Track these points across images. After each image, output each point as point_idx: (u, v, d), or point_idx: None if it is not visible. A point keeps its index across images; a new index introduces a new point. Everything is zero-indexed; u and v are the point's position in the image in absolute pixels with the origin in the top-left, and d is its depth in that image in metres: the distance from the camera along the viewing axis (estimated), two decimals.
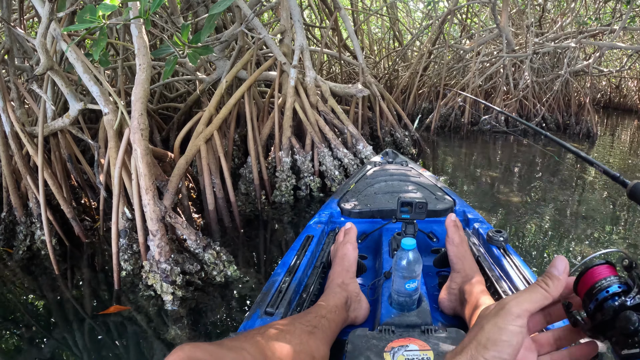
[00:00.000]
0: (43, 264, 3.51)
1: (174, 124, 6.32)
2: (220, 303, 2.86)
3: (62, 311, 2.90)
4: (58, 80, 3.41)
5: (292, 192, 4.75)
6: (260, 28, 4.39)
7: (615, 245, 3.87)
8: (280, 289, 1.56)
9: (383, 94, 6.76)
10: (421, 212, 1.75)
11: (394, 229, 2.09)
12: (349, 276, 1.64)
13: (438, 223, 2.22)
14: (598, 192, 5.58)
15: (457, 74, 11.83)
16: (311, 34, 9.91)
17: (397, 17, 12.53)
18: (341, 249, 1.74)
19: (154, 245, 2.73)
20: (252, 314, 1.46)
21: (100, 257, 3.62)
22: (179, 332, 2.55)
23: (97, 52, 2.47)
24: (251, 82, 4.40)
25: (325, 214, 2.31)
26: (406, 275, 1.40)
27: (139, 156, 2.72)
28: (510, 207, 4.79)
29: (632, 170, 7.02)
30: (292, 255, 1.82)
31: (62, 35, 3.28)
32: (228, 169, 4.04)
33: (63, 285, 3.21)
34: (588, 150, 8.71)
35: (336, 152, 4.88)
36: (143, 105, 2.79)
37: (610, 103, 18.76)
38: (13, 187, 3.72)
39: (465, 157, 7.81)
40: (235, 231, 3.98)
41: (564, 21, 9.72)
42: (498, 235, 1.85)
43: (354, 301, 1.53)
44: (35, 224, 3.73)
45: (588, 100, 10.03)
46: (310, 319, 1.30)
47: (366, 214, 2.30)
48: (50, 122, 3.73)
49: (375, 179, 2.78)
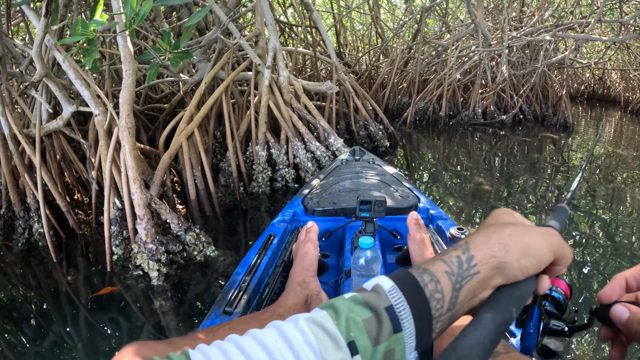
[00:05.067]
0: (41, 254, 3.76)
1: (159, 123, 6.54)
2: (200, 279, 3.19)
3: (60, 294, 3.17)
4: (52, 86, 3.74)
5: (268, 184, 5.05)
6: (235, 32, 4.71)
7: None
8: (239, 288, 1.57)
9: (357, 89, 7.04)
10: (380, 210, 1.70)
11: (357, 227, 2.07)
12: (310, 275, 1.61)
13: (402, 221, 2.19)
14: (591, 180, 5.75)
15: (436, 68, 11.93)
16: (294, 32, 10.07)
17: (378, 13, 12.71)
18: (302, 248, 1.72)
19: (142, 228, 3.11)
20: (211, 313, 1.46)
21: (93, 246, 3.89)
22: (164, 303, 2.89)
23: (89, 61, 2.81)
24: (228, 83, 4.71)
25: (288, 213, 2.30)
26: (364, 273, 1.42)
27: (127, 151, 3.09)
28: (480, 199, 4.91)
29: (602, 157, 7.17)
30: (253, 255, 1.82)
31: (55, 45, 3.61)
32: (208, 162, 4.36)
33: (60, 272, 3.48)
34: (564, 140, 8.92)
35: (309, 146, 5.18)
36: (130, 106, 3.14)
37: (594, 94, 18.85)
38: (12, 185, 3.97)
39: (439, 150, 8.01)
40: (215, 219, 4.31)
41: (542, 15, 9.88)
42: (460, 232, 1.84)
43: (315, 300, 1.51)
44: (33, 218, 3.95)
45: (564, 92, 10.20)
46: (267, 317, 1.28)
47: (330, 212, 2.27)
48: (45, 124, 4.04)
49: (340, 176, 2.75)
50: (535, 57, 10.84)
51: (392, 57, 11.44)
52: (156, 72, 3.61)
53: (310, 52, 8.09)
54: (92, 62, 2.93)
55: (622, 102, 15.33)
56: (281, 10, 10.17)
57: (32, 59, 4.64)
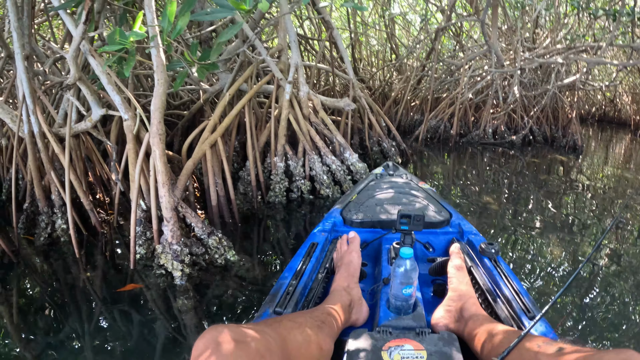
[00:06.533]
0: (62, 250, 3.88)
1: (178, 130, 6.67)
2: (220, 281, 3.31)
3: (83, 289, 3.28)
4: (84, 89, 3.89)
5: (284, 194, 5.19)
6: (260, 48, 4.85)
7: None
8: (287, 291, 1.66)
9: (372, 106, 7.19)
10: (419, 224, 1.82)
11: (393, 238, 2.18)
12: (354, 281, 1.75)
13: (434, 234, 2.31)
14: (587, 203, 5.83)
15: (449, 87, 12.02)
16: (310, 45, 10.21)
17: (393, 30, 12.81)
18: (347, 256, 1.87)
19: (168, 230, 3.26)
20: (261, 313, 1.55)
21: (114, 245, 4.02)
22: (186, 302, 3.01)
23: (127, 69, 2.96)
24: (251, 95, 4.85)
25: (328, 223, 2.40)
26: (403, 281, 1.50)
27: (157, 156, 3.24)
28: (488, 218, 4.96)
29: (610, 180, 7.22)
30: (298, 261, 1.93)
31: (90, 50, 3.77)
32: (229, 171, 4.49)
33: (82, 267, 3.60)
34: (573, 162, 8.93)
35: (325, 159, 5.32)
36: (161, 114, 3.29)
37: (605, 116, 18.66)
38: (38, 181, 4.10)
39: (451, 167, 8.08)
40: (234, 225, 4.43)
41: (555, 37, 9.89)
42: (490, 247, 1.93)
43: (356, 304, 1.64)
44: (57, 214, 4.09)
45: (574, 114, 10.19)
46: (319, 314, 1.40)
47: (367, 224, 2.38)
48: (74, 125, 4.18)
49: (377, 190, 2.88)
50: (547, 78, 10.81)
51: (406, 74, 11.52)
52: (182, 82, 3.78)
53: (328, 68, 8.23)
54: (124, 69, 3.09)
55: (632, 124, 15.27)
56: (298, 22, 10.30)
57: (55, 59, 4.82)
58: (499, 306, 1.64)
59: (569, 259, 3.93)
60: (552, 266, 3.75)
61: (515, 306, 1.57)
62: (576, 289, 3.33)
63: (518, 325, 1.49)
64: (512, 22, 10.43)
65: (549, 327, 1.48)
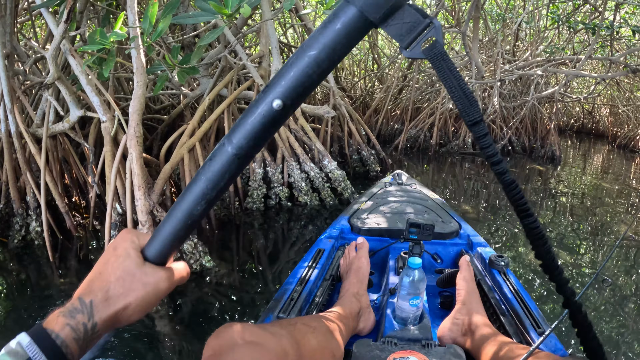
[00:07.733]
0: (36, 253, 3.84)
1: (157, 134, 6.63)
2: (195, 287, 3.30)
3: (57, 294, 3.26)
4: (63, 89, 3.86)
5: (262, 200, 5.16)
6: (242, 53, 4.87)
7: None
8: (292, 297, 1.63)
9: (352, 115, 7.20)
10: (428, 233, 1.82)
11: (401, 248, 2.14)
12: (363, 288, 1.72)
13: (443, 245, 2.27)
14: (566, 212, 5.92)
15: (429, 97, 12.04)
16: (292, 52, 10.17)
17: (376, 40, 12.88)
18: (357, 262, 1.84)
19: None
20: (264, 318, 1.51)
21: (89, 249, 3.99)
22: (159, 308, 2.99)
23: (106, 70, 2.95)
24: (231, 101, 4.87)
25: (336, 230, 2.37)
26: (411, 292, 1.47)
27: (134, 159, 3.22)
28: (474, 226, 4.93)
29: (588, 189, 7.34)
30: (303, 267, 1.89)
31: (70, 50, 3.72)
32: None
33: (56, 272, 3.57)
34: (551, 172, 9.09)
35: (304, 166, 5.32)
36: (139, 116, 3.28)
37: (583, 128, 18.95)
38: (13, 182, 4.06)
39: (429, 176, 8.14)
40: (211, 231, 4.42)
41: (534, 50, 10.01)
42: (499, 260, 1.90)
43: (365, 312, 1.61)
44: (31, 216, 4.04)
45: (552, 125, 10.35)
46: (332, 320, 1.36)
47: (375, 232, 2.34)
48: (52, 125, 4.14)
49: (385, 199, 2.85)
50: (527, 90, 10.93)
51: (388, 84, 11.58)
52: (162, 85, 3.76)
53: None
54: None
55: (609, 136, 15.49)
56: (281, 30, 10.30)
57: (36, 58, 4.78)
58: (508, 320, 1.62)
59: (575, 272, 3.94)
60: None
61: (524, 321, 1.55)
62: (586, 304, 3.32)
63: (527, 341, 1.47)
64: (493, 34, 10.54)
65: (558, 344, 1.47)
